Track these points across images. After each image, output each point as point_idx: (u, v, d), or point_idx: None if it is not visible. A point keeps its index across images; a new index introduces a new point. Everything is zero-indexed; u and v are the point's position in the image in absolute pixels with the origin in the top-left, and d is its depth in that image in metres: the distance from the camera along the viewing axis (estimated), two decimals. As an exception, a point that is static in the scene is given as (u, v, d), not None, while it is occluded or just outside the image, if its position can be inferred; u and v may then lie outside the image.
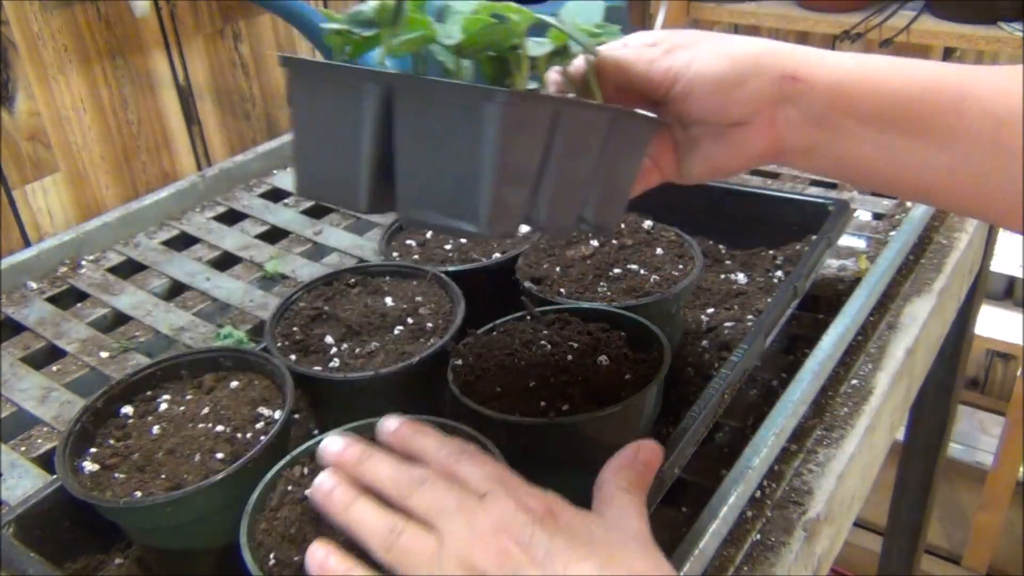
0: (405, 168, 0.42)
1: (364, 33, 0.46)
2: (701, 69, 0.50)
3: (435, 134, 0.41)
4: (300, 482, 0.51)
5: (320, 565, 0.43)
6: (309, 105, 0.45)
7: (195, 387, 0.60)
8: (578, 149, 0.45)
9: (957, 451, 2.08)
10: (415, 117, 0.41)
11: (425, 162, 0.41)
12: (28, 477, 0.64)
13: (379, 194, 0.44)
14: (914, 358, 0.80)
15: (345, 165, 0.44)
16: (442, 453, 0.46)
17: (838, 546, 0.69)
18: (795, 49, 0.50)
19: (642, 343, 0.59)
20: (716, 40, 0.51)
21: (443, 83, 0.41)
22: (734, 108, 0.50)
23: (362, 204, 0.44)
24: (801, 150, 0.51)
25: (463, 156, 0.40)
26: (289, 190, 1.05)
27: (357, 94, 0.42)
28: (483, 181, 0.40)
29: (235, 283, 0.87)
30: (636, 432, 0.56)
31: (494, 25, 0.42)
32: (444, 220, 0.42)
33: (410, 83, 0.42)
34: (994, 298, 1.97)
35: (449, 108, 0.40)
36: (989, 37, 1.43)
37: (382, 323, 0.64)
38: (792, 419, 0.63)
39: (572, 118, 0.44)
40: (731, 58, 0.50)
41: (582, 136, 0.45)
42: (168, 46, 1.06)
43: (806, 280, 0.72)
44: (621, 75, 0.52)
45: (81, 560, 0.56)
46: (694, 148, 0.53)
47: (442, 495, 0.43)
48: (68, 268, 0.91)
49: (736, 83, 0.49)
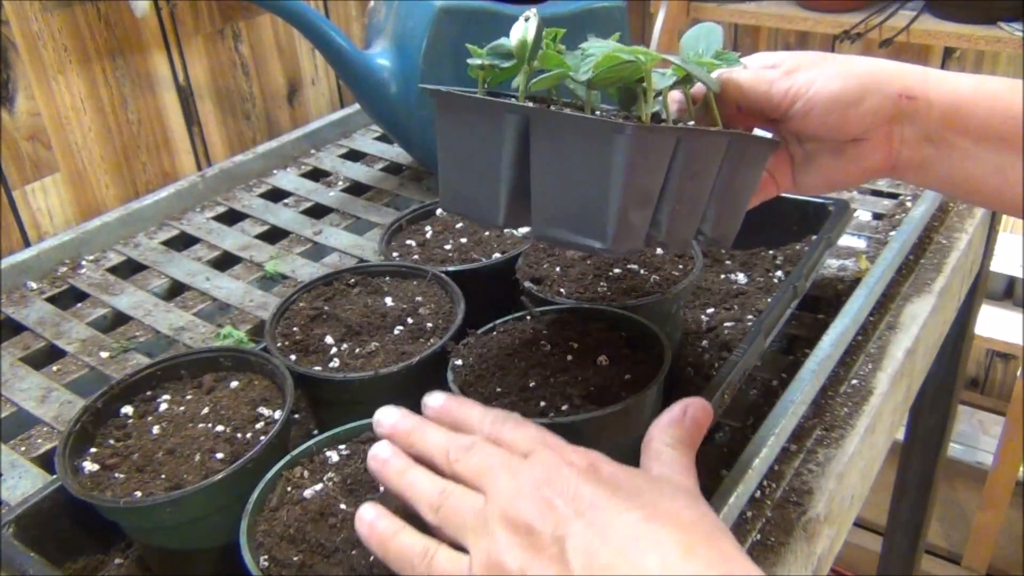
0: (540, 190, 0.46)
1: (503, 65, 0.51)
2: (821, 88, 0.52)
3: (568, 160, 0.45)
4: (300, 482, 0.51)
5: (369, 525, 0.43)
6: (453, 131, 0.50)
7: (195, 387, 0.60)
8: (698, 171, 0.49)
9: (957, 451, 2.08)
10: (550, 145, 0.45)
11: (558, 185, 0.46)
12: (28, 477, 0.64)
13: (515, 211, 0.48)
14: (914, 358, 0.80)
15: (485, 185, 0.48)
16: (486, 420, 0.46)
17: (838, 546, 0.69)
18: (912, 68, 0.53)
19: (642, 343, 0.59)
20: (835, 61, 0.53)
21: (576, 116, 0.45)
22: (852, 125, 0.53)
23: (500, 220, 0.48)
24: (914, 166, 0.54)
25: (593, 181, 0.44)
26: (289, 190, 1.05)
27: (498, 124, 0.47)
28: (611, 203, 0.44)
29: (235, 283, 0.87)
30: (636, 432, 0.56)
31: (622, 63, 0.46)
32: (574, 237, 0.45)
33: (546, 115, 0.46)
34: (994, 298, 1.97)
35: (581, 138, 0.44)
36: (989, 37, 1.43)
37: (382, 323, 0.64)
38: (792, 419, 0.63)
39: (693, 143, 0.47)
40: (850, 77, 0.52)
41: (702, 159, 0.49)
42: (168, 46, 1.06)
43: (806, 280, 0.72)
44: (742, 96, 0.54)
45: (81, 560, 0.56)
46: (811, 162, 0.56)
47: (488, 457, 0.43)
48: (68, 268, 0.91)
49: (855, 101, 0.52)
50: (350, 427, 0.54)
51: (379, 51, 0.94)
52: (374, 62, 0.93)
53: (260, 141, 1.18)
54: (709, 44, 0.54)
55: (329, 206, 1.01)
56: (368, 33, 0.99)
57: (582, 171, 0.44)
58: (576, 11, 0.93)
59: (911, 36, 1.49)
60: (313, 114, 1.26)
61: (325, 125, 1.18)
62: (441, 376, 0.58)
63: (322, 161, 1.12)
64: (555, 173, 0.45)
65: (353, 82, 0.94)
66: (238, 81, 1.15)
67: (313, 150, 1.16)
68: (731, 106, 0.55)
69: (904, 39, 1.49)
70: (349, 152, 1.15)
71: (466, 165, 0.50)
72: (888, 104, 0.52)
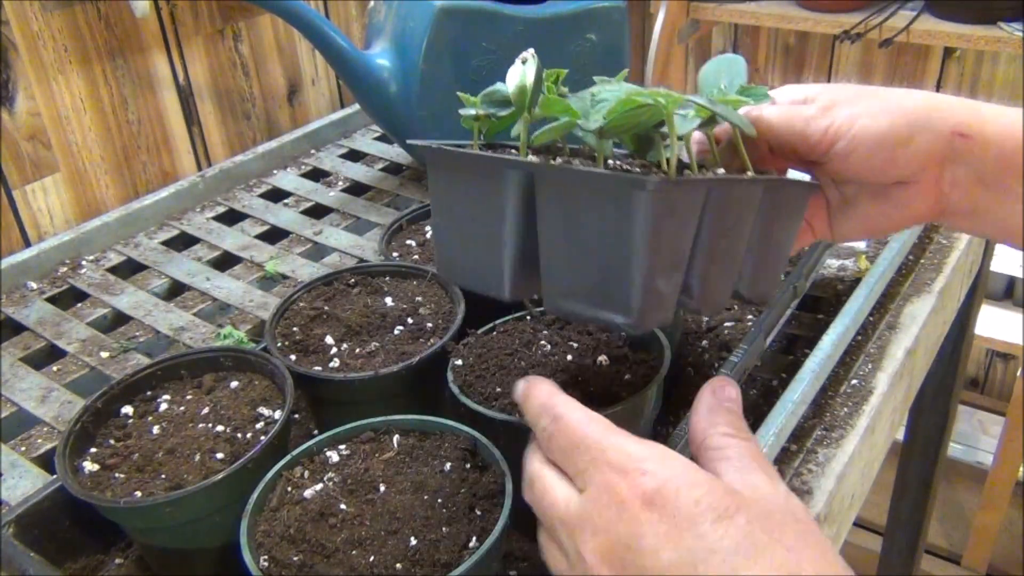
0: (550, 258, 0.41)
1: (500, 113, 0.45)
2: (866, 126, 0.47)
3: (581, 222, 0.39)
4: (300, 482, 0.51)
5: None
6: (447, 191, 0.44)
7: (195, 387, 0.60)
8: (732, 225, 0.43)
9: (957, 451, 2.08)
10: (559, 205, 0.39)
11: (571, 251, 0.40)
12: (28, 477, 0.64)
13: (523, 281, 0.43)
14: (914, 358, 0.80)
15: (486, 253, 0.43)
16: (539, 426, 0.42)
17: (838, 546, 0.69)
18: (964, 103, 0.48)
19: (642, 343, 0.59)
20: (878, 95, 0.48)
21: (589, 172, 0.39)
22: (900, 166, 0.47)
23: (505, 293, 0.43)
24: (965, 211, 0.49)
25: (612, 245, 0.38)
26: (289, 190, 1.05)
27: (498, 182, 0.41)
28: (634, 271, 0.38)
29: (235, 283, 0.87)
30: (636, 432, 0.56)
31: (639, 108, 0.41)
32: (593, 312, 0.40)
33: (553, 172, 0.40)
34: (994, 298, 1.97)
35: (596, 196, 0.38)
36: (989, 37, 1.43)
37: (382, 323, 0.64)
38: (792, 419, 0.63)
39: (724, 194, 0.42)
40: (898, 113, 0.47)
41: (735, 211, 0.43)
42: (168, 46, 1.06)
43: (806, 280, 0.72)
44: (774, 136, 0.49)
45: (81, 560, 0.56)
46: (850, 208, 0.51)
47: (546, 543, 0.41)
48: (68, 268, 0.91)
49: (904, 140, 0.46)
50: (350, 427, 0.54)
51: (379, 51, 0.94)
52: (374, 62, 0.93)
53: (260, 141, 1.18)
54: (732, 78, 0.49)
55: (329, 206, 1.01)
56: (368, 33, 0.99)
57: (599, 234, 0.38)
58: (576, 11, 0.93)
59: (911, 36, 1.49)
60: (313, 114, 1.26)
61: (325, 125, 1.18)
62: (441, 376, 0.58)
63: (322, 161, 1.12)
64: (567, 238, 0.40)
65: (353, 82, 0.95)
66: (238, 81, 1.15)
67: (313, 150, 1.16)
68: (761, 147, 0.50)
69: (904, 39, 1.49)
70: (349, 152, 1.15)
71: (464, 230, 0.44)
72: (940, 143, 0.46)
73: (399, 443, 0.53)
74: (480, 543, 0.46)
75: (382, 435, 0.54)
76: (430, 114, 0.92)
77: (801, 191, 0.49)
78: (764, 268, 0.48)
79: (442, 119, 0.93)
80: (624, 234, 0.37)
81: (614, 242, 0.38)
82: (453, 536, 0.47)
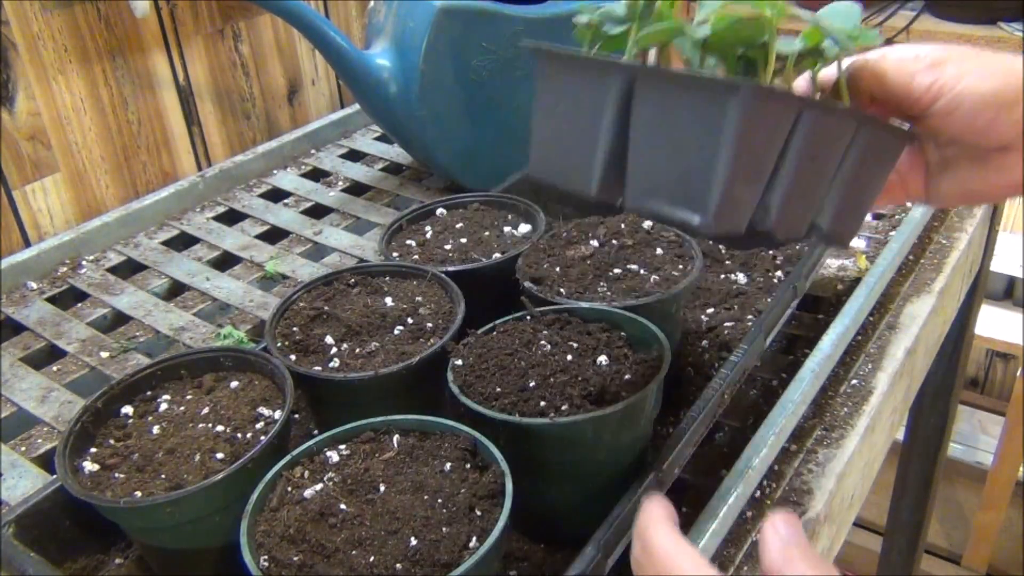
0: (639, 157, 0.43)
1: (613, 31, 0.47)
2: (972, 85, 0.46)
3: (673, 124, 0.41)
4: (300, 482, 0.51)
5: None
6: (552, 93, 0.46)
7: (195, 387, 0.60)
8: (819, 153, 0.44)
9: (957, 451, 2.08)
10: (655, 107, 0.41)
11: (660, 151, 0.42)
12: (28, 477, 0.64)
13: (609, 182, 0.44)
14: (914, 358, 0.80)
15: (581, 151, 0.45)
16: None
17: (838, 546, 0.69)
18: None
19: (642, 343, 0.59)
20: (991, 56, 0.47)
21: (687, 75, 0.41)
22: (1003, 129, 0.46)
23: (592, 190, 0.45)
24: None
25: (700, 147, 0.40)
26: (289, 190, 1.05)
27: (601, 84, 0.43)
28: (717, 173, 0.39)
29: (235, 283, 0.87)
30: (636, 432, 0.56)
31: (746, 19, 0.41)
32: (671, 210, 0.42)
33: (654, 74, 0.42)
34: (994, 298, 1.97)
35: (690, 98, 0.40)
36: (989, 37, 1.43)
37: (382, 323, 0.64)
38: (792, 419, 0.63)
39: (817, 119, 0.42)
40: (1010, 75, 0.46)
41: (826, 140, 0.44)
42: (168, 46, 1.06)
43: (806, 280, 0.72)
44: (877, 85, 0.48)
45: (81, 560, 0.56)
46: (948, 170, 0.50)
47: None
48: (68, 268, 0.91)
49: (1011, 102, 0.45)
50: (350, 427, 0.54)
51: (379, 51, 0.94)
52: (374, 62, 0.93)
53: (260, 141, 1.18)
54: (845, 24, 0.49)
55: (329, 206, 1.01)
56: (368, 33, 0.99)
57: (688, 136, 0.40)
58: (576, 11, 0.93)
59: (911, 36, 1.49)
60: (313, 114, 1.26)
61: (325, 125, 1.18)
62: (441, 376, 0.58)
63: (322, 161, 1.12)
64: (658, 138, 0.41)
65: (353, 82, 0.95)
66: (238, 81, 1.15)
67: (313, 150, 1.16)
68: (864, 95, 0.49)
69: (904, 39, 1.49)
70: (349, 152, 1.15)
71: (563, 129, 0.46)
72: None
73: (399, 443, 0.53)
74: (480, 543, 0.46)
75: (382, 435, 0.54)
76: (430, 114, 0.92)
77: (897, 136, 0.49)
78: (847, 207, 0.48)
79: (442, 119, 0.93)
80: (712, 137, 0.39)
81: (702, 144, 0.40)
82: (453, 536, 0.47)
